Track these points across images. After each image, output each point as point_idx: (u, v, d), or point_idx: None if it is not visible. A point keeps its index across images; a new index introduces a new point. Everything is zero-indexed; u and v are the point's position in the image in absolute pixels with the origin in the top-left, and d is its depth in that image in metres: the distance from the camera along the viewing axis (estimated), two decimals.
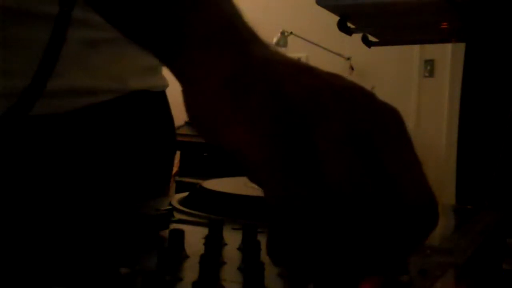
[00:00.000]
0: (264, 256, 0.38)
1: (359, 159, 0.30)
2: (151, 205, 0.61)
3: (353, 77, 3.51)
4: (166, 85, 0.80)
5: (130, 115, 0.75)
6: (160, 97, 0.80)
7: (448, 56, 3.17)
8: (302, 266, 0.31)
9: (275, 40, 3.35)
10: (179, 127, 2.16)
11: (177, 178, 3.29)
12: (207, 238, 0.41)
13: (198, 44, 0.36)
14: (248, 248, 0.39)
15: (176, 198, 0.64)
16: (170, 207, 0.58)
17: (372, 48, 0.83)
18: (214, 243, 0.40)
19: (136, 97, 0.75)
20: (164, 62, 0.40)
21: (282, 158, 0.31)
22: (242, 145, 0.34)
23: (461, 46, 0.96)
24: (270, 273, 0.34)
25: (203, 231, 0.43)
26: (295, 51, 3.50)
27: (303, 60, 3.59)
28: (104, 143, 0.73)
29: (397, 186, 0.31)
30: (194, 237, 0.44)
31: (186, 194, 0.67)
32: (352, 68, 3.40)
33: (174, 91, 0.51)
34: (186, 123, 2.78)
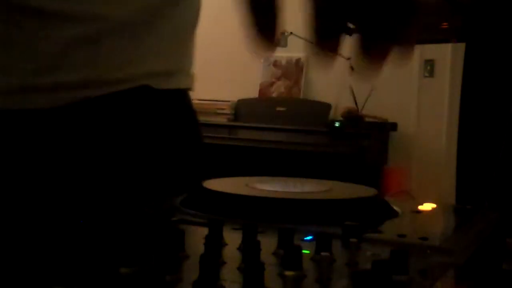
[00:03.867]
0: (264, 256, 0.38)
1: None
2: (155, 204, 0.61)
3: (353, 77, 3.52)
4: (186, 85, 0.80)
5: (145, 110, 0.75)
6: (179, 95, 0.80)
7: (448, 56, 3.17)
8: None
9: None
10: None
11: None
12: (207, 238, 0.41)
13: None
14: (248, 248, 0.39)
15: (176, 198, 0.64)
16: (171, 206, 0.58)
17: None
18: (214, 243, 0.40)
19: (157, 95, 0.75)
20: None
21: None
22: None
23: (461, 46, 0.96)
24: (270, 273, 0.34)
25: (203, 231, 0.43)
26: (295, 51, 3.50)
27: (303, 60, 3.59)
28: (111, 138, 0.73)
29: None
30: (194, 237, 0.44)
31: (186, 194, 0.66)
32: (352, 68, 3.40)
33: None
34: None
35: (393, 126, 3.19)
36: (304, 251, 0.35)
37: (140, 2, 0.72)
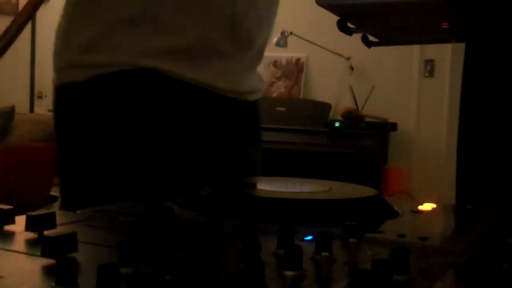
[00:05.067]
0: (264, 256, 0.38)
1: None
2: (156, 204, 0.61)
3: (353, 77, 3.52)
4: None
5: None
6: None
7: (448, 56, 3.17)
8: None
9: (275, 40, 3.35)
10: None
11: None
12: (207, 238, 0.41)
13: None
14: (248, 248, 0.39)
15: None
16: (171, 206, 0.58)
17: (372, 48, 0.83)
18: (214, 243, 0.40)
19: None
20: None
21: None
22: None
23: (461, 46, 0.96)
24: (270, 273, 0.34)
25: (203, 231, 0.43)
26: (295, 51, 3.50)
27: (303, 60, 3.59)
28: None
29: None
30: (194, 237, 0.44)
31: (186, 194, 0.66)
32: (352, 68, 3.40)
33: None
34: None
35: (393, 126, 3.19)
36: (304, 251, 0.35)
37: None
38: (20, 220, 0.45)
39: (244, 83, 0.87)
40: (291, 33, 3.36)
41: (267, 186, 0.71)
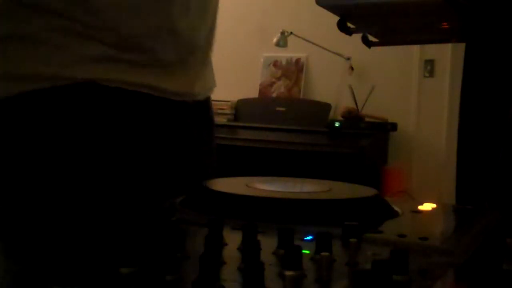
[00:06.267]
0: (264, 256, 0.38)
1: None
2: (155, 204, 0.61)
3: (353, 77, 3.52)
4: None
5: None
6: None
7: (448, 56, 3.17)
8: None
9: (275, 40, 3.35)
10: None
11: None
12: (207, 238, 0.41)
13: None
14: (248, 248, 0.39)
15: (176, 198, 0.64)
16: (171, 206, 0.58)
17: (372, 48, 0.83)
18: (214, 243, 0.40)
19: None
20: None
21: None
22: None
23: (461, 46, 0.96)
24: (270, 273, 0.34)
25: (203, 231, 0.43)
26: (295, 51, 3.50)
27: (303, 60, 3.59)
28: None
29: None
30: (194, 237, 0.44)
31: (186, 194, 0.66)
32: (352, 68, 3.40)
33: None
34: None
35: (393, 126, 3.18)
36: (304, 251, 0.35)
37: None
38: None
39: (191, 85, 0.82)
40: (291, 33, 3.36)
41: (267, 186, 0.71)
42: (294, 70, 3.60)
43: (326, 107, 3.35)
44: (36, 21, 0.70)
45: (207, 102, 0.88)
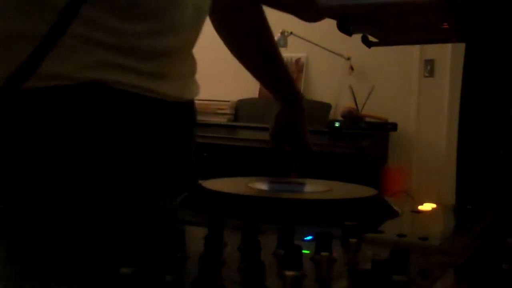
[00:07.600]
0: (264, 256, 0.38)
1: None
2: (155, 204, 0.62)
3: (353, 77, 3.51)
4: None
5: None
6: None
7: (448, 56, 3.17)
8: None
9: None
10: None
11: None
12: (207, 238, 0.41)
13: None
14: (248, 248, 0.39)
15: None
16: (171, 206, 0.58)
17: (372, 48, 0.83)
18: (214, 243, 0.40)
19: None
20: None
21: None
22: None
23: (461, 46, 0.96)
24: (270, 273, 0.34)
25: (203, 231, 0.43)
26: (295, 51, 3.50)
27: (303, 60, 3.59)
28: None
29: None
30: (194, 237, 0.44)
31: (186, 194, 0.67)
32: (352, 68, 3.40)
33: None
34: None
35: (393, 126, 3.18)
36: (304, 251, 0.35)
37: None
38: None
39: (182, 91, 0.85)
40: (291, 33, 3.36)
41: (267, 186, 0.71)
42: (294, 70, 3.60)
43: (326, 107, 3.35)
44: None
45: (192, 102, 0.90)
